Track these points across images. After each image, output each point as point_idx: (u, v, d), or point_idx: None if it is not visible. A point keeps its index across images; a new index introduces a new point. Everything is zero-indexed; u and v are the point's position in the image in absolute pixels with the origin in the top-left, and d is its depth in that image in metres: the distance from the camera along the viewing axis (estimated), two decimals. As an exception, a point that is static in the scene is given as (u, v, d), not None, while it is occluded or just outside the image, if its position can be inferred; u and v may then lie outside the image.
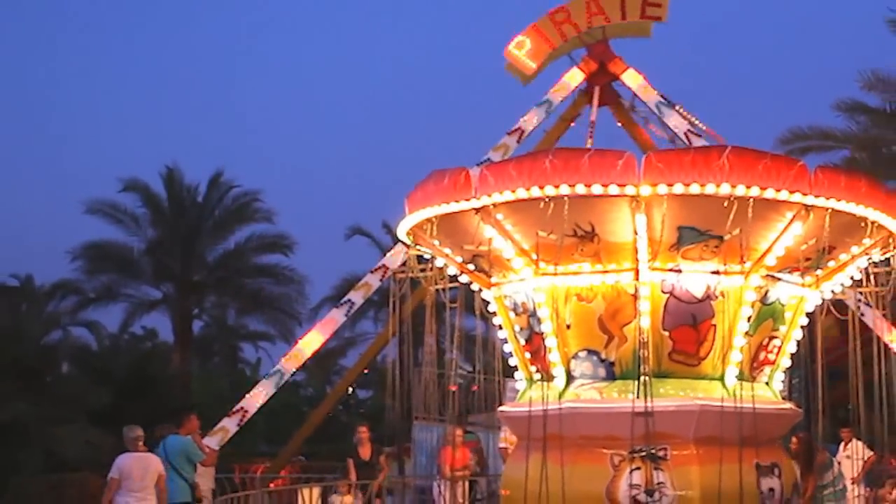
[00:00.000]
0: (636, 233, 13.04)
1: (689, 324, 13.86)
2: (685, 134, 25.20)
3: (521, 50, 28.17)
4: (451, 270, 15.96)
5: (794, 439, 17.78)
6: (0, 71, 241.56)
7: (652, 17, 28.26)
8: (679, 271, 13.69)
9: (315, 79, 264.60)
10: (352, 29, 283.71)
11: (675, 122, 26.64)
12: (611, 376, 13.90)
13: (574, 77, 27.67)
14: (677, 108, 26.88)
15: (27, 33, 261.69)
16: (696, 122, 27.43)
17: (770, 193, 12.69)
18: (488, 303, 15.87)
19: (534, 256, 13.78)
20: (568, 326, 13.96)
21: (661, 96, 27.15)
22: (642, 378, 13.33)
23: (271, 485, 20.68)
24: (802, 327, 15.26)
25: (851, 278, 15.99)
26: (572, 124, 28.26)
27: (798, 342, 15.24)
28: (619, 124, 28.73)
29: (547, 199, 12.74)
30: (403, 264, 18.80)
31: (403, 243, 16.70)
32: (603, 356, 13.93)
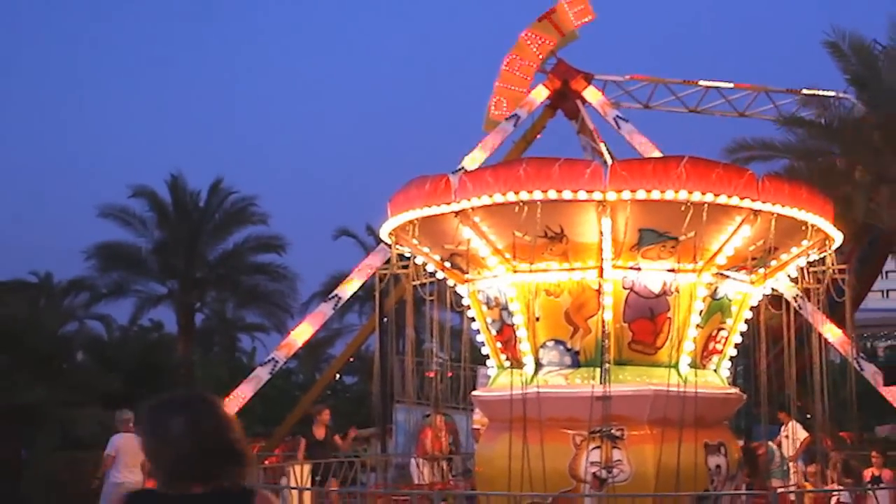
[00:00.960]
0: (601, 234, 12.99)
1: (647, 317, 13.79)
2: (642, 146, 25.10)
3: (500, 111, 28.22)
4: (430, 268, 15.77)
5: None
6: (24, 92, 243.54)
7: (583, 20, 28.47)
8: (639, 269, 13.63)
9: (306, 97, 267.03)
10: (341, 51, 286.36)
11: (631, 136, 26.47)
12: (576, 364, 13.78)
13: (539, 94, 27.64)
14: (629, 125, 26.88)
15: (49, 62, 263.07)
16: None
17: (723, 199, 12.76)
18: (461, 297, 15.74)
19: (507, 256, 13.70)
20: (537, 319, 13.83)
21: (618, 113, 27.08)
22: (604, 365, 13.26)
23: (266, 462, 20.45)
24: (747, 320, 15.21)
25: (790, 276, 16.10)
26: (538, 136, 28.27)
27: (742, 334, 15.19)
28: (581, 135, 28.71)
29: (521, 204, 12.68)
30: (386, 262, 18.55)
31: (385, 243, 16.49)
32: (569, 346, 13.83)
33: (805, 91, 26.66)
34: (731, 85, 30.06)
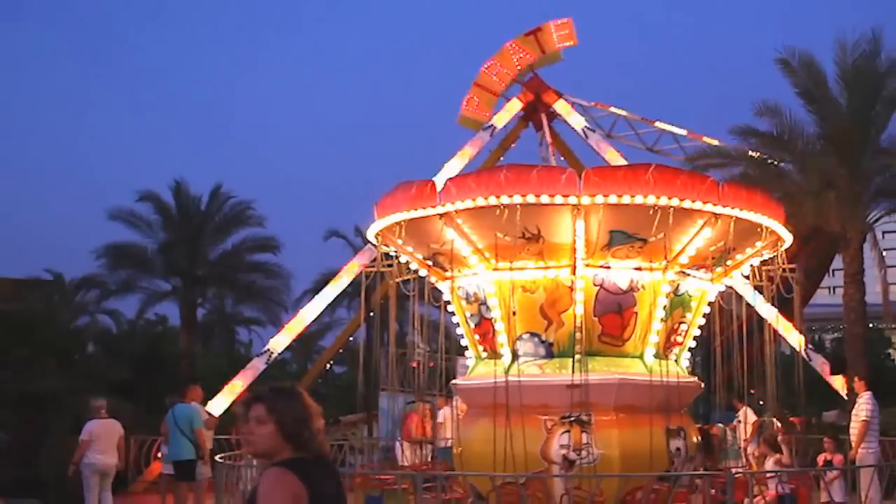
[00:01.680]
0: (575, 235, 12.99)
1: (615, 311, 13.80)
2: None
3: (472, 108, 28.25)
4: (413, 266, 15.73)
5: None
6: (38, 107, 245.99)
7: (565, 44, 28.45)
8: (608, 268, 13.64)
9: (298, 110, 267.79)
10: (334, 60, 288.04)
11: (598, 145, 26.51)
12: (549, 355, 13.77)
13: (514, 106, 27.69)
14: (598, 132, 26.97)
15: (65, 81, 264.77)
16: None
17: (687, 204, 12.79)
18: (442, 293, 15.68)
19: (487, 255, 13.67)
20: (514, 313, 13.78)
21: (587, 124, 27.14)
22: (576, 356, 13.24)
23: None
24: (705, 315, 15.22)
25: (743, 274, 16.14)
26: (513, 145, 28.31)
27: (700, 327, 15.22)
28: (551, 145, 28.73)
29: (501, 207, 12.67)
30: (373, 261, 18.50)
31: (372, 244, 16.43)
32: (543, 338, 13.81)
33: (751, 153, 26.63)
34: (685, 133, 30.02)
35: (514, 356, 13.82)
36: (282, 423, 4.76)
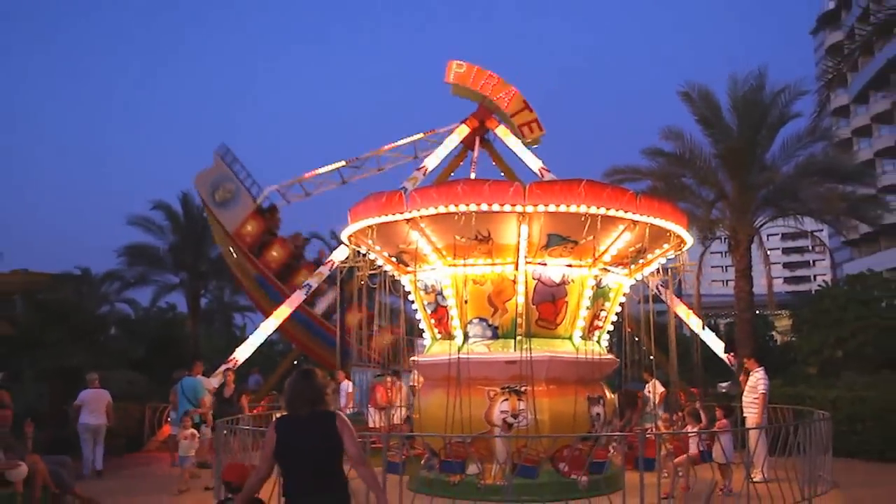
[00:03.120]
0: (519, 237, 13.09)
1: (550, 300, 13.88)
2: (539, 170, 25.25)
3: (449, 77, 27.86)
4: (379, 262, 15.74)
5: (622, 392, 18.11)
6: (68, 127, 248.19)
7: (530, 126, 27.97)
8: (545, 264, 13.72)
9: (289, 130, 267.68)
10: (318, 85, 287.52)
11: (532, 162, 26.53)
12: (495, 336, 13.83)
13: (462, 130, 27.57)
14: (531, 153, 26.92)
15: (94, 105, 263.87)
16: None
17: (611, 212, 12.88)
18: (402, 285, 15.74)
19: (445, 253, 13.74)
20: (465, 301, 13.85)
21: (528, 137, 27.12)
22: (518, 337, 13.43)
23: (255, 411, 20.32)
24: (621, 304, 15.38)
25: (654, 270, 16.27)
26: (461, 162, 28.19)
27: (617, 314, 15.34)
28: (493, 162, 28.77)
29: (459, 214, 12.73)
30: (346, 259, 18.57)
31: (345, 244, 16.47)
32: (490, 322, 13.87)
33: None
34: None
35: (465, 337, 13.87)
36: (291, 390, 6.12)
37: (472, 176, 26.33)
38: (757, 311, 30.85)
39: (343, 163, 29.29)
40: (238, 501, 6.42)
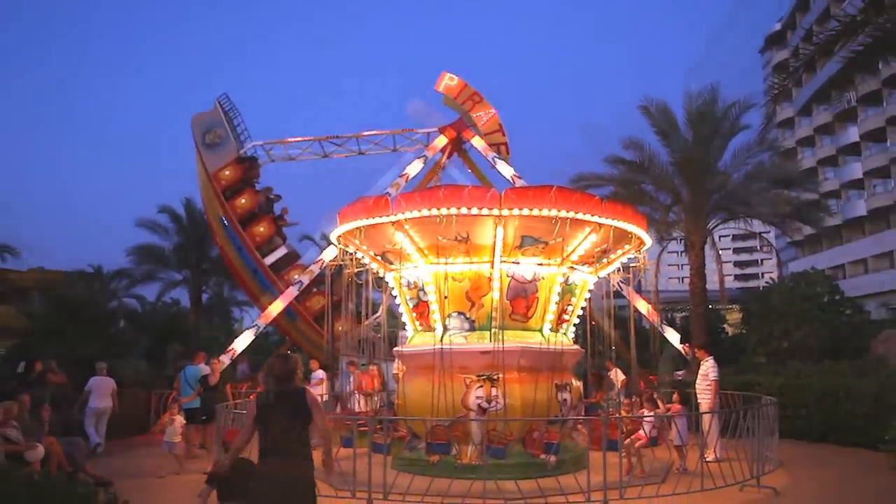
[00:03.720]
0: (495, 238, 13.21)
1: (522, 296, 13.99)
2: (511, 177, 25.32)
3: (440, 87, 27.79)
4: (365, 260, 15.84)
5: (591, 373, 18.24)
6: (81, 135, 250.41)
7: (494, 133, 27.95)
8: (518, 263, 13.83)
9: (285, 123, 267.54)
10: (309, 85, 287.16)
11: (504, 170, 26.57)
12: (472, 328, 13.91)
13: (441, 140, 27.49)
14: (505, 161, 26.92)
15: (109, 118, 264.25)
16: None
17: (580, 216, 13.02)
18: (386, 281, 15.78)
19: (426, 252, 13.83)
20: (445, 297, 13.95)
21: (497, 154, 27.17)
22: (492, 330, 13.52)
23: (251, 397, 20.35)
24: (586, 299, 15.52)
25: (615, 268, 16.43)
26: (441, 170, 28.14)
27: (583, 308, 15.44)
28: (469, 170, 28.73)
29: (441, 217, 12.84)
30: (334, 258, 18.69)
31: (334, 244, 16.57)
32: (468, 316, 13.96)
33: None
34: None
35: (445, 329, 13.94)
36: (269, 371, 6.92)
37: (438, 181, 26.52)
38: (710, 306, 31.20)
39: (325, 137, 29.25)
40: (227, 458, 7.12)
